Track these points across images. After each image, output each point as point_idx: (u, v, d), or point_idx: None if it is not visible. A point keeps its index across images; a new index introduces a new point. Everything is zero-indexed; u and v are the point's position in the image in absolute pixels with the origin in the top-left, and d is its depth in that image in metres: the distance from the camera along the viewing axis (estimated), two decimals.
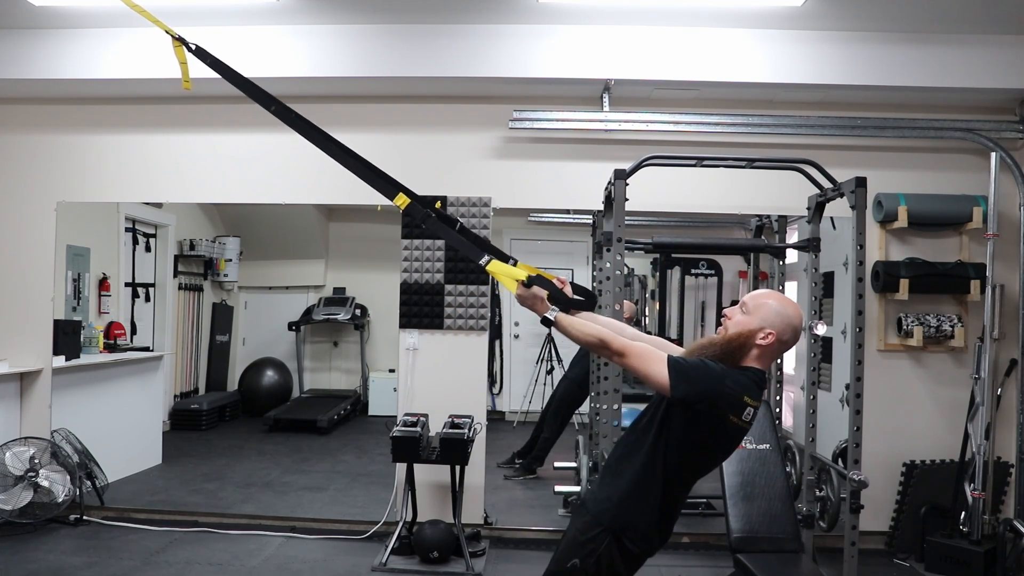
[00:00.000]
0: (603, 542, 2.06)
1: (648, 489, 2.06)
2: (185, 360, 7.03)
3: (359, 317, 7.79)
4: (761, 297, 2.09)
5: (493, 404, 7.34)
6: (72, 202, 4.66)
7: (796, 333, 2.06)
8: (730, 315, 2.09)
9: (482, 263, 2.14)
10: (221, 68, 2.28)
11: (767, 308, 2.04)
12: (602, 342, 1.99)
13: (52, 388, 4.57)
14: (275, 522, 4.44)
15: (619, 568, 2.08)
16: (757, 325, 2.02)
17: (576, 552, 2.09)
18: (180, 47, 2.30)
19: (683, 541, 4.29)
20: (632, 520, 2.07)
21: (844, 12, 3.77)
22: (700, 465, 2.12)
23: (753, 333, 2.02)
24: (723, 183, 4.29)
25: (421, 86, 4.31)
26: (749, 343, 2.02)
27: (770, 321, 2.02)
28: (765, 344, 2.01)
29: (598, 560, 2.06)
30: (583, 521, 2.14)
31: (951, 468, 4.11)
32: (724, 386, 1.94)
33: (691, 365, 1.95)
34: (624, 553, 2.08)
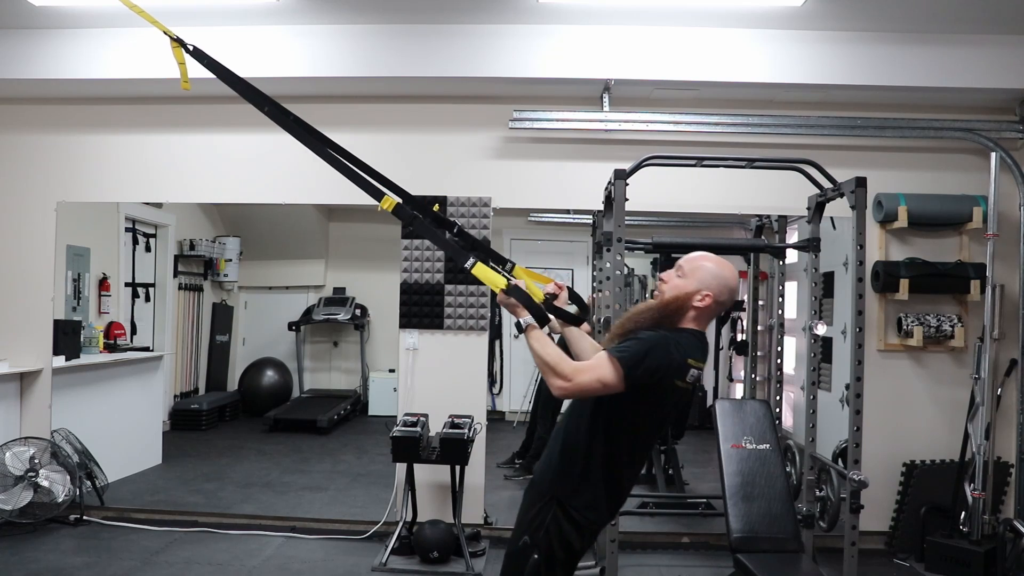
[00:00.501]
0: (549, 513, 2.07)
1: (593, 460, 2.07)
2: (185, 360, 7.04)
3: (359, 317, 7.79)
4: (697, 260, 2.11)
5: (493, 404, 7.34)
6: (72, 202, 4.66)
7: (732, 293, 2.10)
8: (666, 279, 2.12)
9: (467, 266, 2.13)
10: (217, 69, 2.28)
11: (704, 270, 2.07)
12: (555, 368, 1.96)
13: (52, 388, 4.57)
14: (275, 522, 4.44)
15: (571, 538, 2.08)
16: (694, 287, 2.06)
17: (526, 529, 2.10)
18: (178, 48, 2.30)
19: (683, 541, 4.29)
20: (577, 489, 2.08)
21: (844, 12, 3.77)
22: (646, 432, 2.13)
23: (690, 295, 2.05)
24: (723, 183, 4.29)
25: (421, 86, 4.31)
26: (686, 305, 2.06)
27: (707, 283, 2.06)
28: (702, 306, 2.05)
29: (547, 532, 2.06)
30: (531, 496, 2.15)
31: (951, 468, 4.11)
32: (671, 356, 1.97)
33: (634, 350, 1.96)
34: (573, 523, 2.07)
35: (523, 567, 2.07)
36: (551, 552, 2.06)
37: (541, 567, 2.06)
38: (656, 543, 4.27)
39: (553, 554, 2.06)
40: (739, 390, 6.74)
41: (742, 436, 3.62)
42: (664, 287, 2.11)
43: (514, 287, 2.07)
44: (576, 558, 2.14)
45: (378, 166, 4.74)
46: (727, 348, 6.99)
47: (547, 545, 2.06)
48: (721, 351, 7.05)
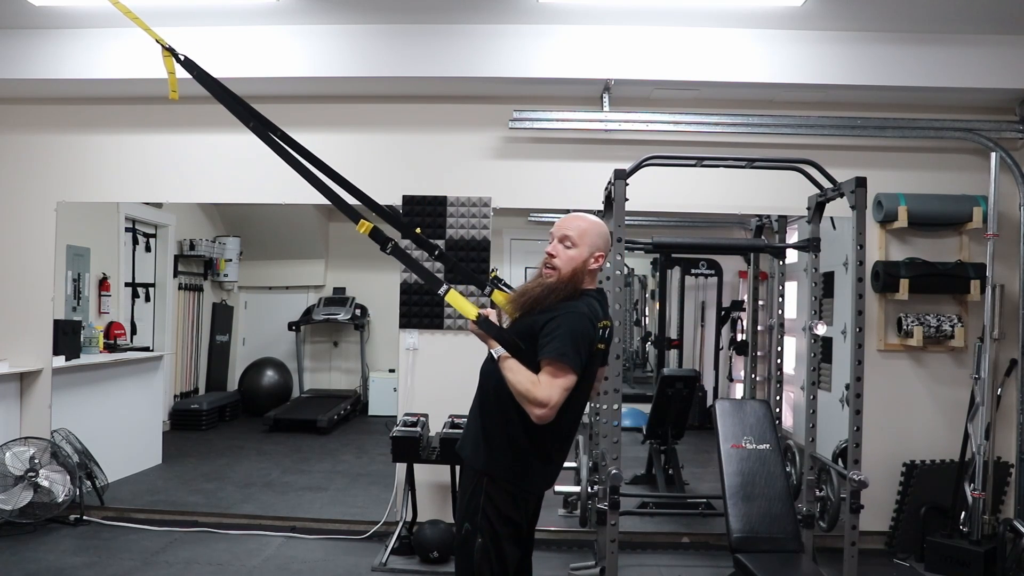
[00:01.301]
0: (481, 493, 2.09)
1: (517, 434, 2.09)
2: (185, 360, 7.04)
3: (359, 317, 7.79)
4: (579, 226, 2.19)
5: None
6: (72, 202, 4.66)
7: (610, 243, 2.26)
8: (555, 253, 2.18)
9: (440, 293, 2.18)
10: (207, 80, 2.30)
11: (591, 234, 2.18)
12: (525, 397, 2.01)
13: (52, 388, 4.57)
14: (275, 522, 4.44)
15: (509, 512, 2.10)
16: (588, 253, 2.16)
17: (464, 515, 2.13)
18: (169, 57, 2.31)
19: (683, 541, 4.29)
20: (502, 460, 2.10)
21: (844, 12, 3.77)
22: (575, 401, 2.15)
23: (586, 261, 2.16)
24: (723, 183, 4.29)
25: (421, 86, 4.31)
26: (583, 272, 2.16)
27: (596, 245, 2.18)
28: (597, 266, 2.19)
29: (484, 513, 2.08)
30: (463, 481, 2.20)
31: (951, 468, 4.11)
32: (589, 330, 2.07)
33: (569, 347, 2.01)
34: (506, 495, 2.10)
35: (471, 554, 2.07)
36: (493, 531, 2.08)
37: (489, 549, 2.07)
38: (656, 543, 4.27)
39: (496, 532, 2.08)
40: (739, 390, 6.74)
41: (742, 436, 3.63)
42: (558, 262, 2.16)
43: (483, 319, 2.10)
44: (521, 529, 2.15)
45: (378, 166, 4.75)
46: (727, 348, 6.99)
47: (488, 525, 2.08)
48: (721, 351, 7.05)
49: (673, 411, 4.99)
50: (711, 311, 7.14)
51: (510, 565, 2.12)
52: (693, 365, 7.14)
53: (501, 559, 2.09)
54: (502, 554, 2.09)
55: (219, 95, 2.29)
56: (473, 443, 2.17)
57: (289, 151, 2.34)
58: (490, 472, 2.09)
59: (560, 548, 4.20)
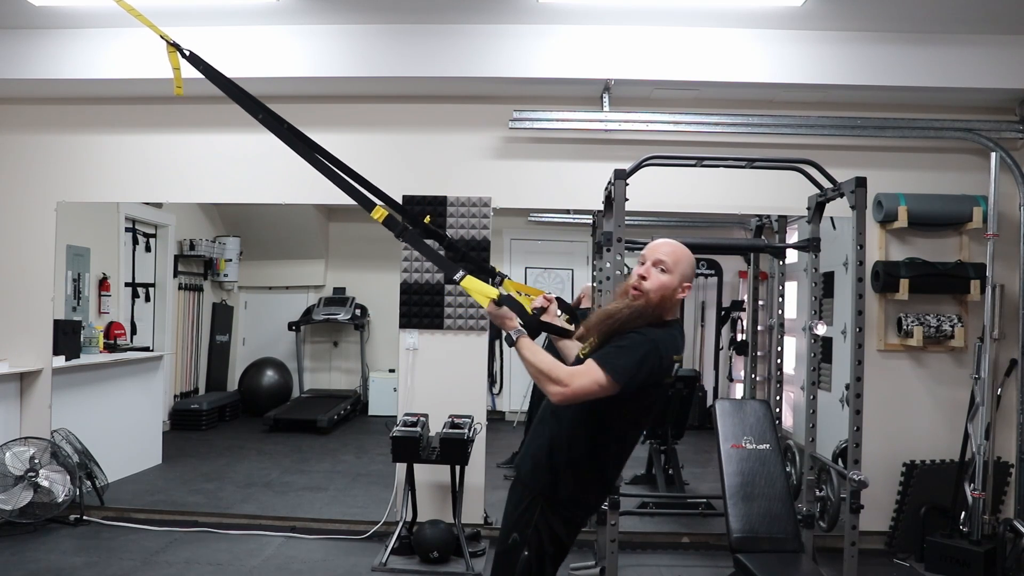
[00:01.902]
0: (537, 509, 2.07)
1: (579, 455, 2.07)
2: (185, 360, 7.04)
3: (359, 317, 7.79)
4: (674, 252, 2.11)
5: (493, 404, 7.34)
6: (72, 202, 4.66)
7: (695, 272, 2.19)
8: (647, 275, 2.07)
9: (456, 279, 2.13)
10: (213, 75, 2.29)
11: (684, 263, 2.10)
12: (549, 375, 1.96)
13: (52, 388, 4.57)
14: (275, 522, 4.44)
15: (560, 533, 2.09)
16: (678, 281, 2.08)
17: (514, 526, 2.10)
18: (174, 52, 2.30)
19: (683, 541, 4.29)
20: (563, 484, 2.08)
21: (844, 12, 3.77)
22: (633, 428, 2.15)
23: (675, 290, 2.08)
24: (723, 183, 4.29)
25: (421, 86, 4.31)
26: (672, 300, 2.08)
27: (687, 274, 2.10)
28: (683, 295, 2.10)
29: (536, 529, 2.07)
30: (517, 493, 2.15)
31: (951, 468, 4.11)
32: (662, 359, 2.00)
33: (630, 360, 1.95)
34: (561, 518, 2.08)
35: (514, 565, 2.07)
36: (541, 548, 2.07)
37: (532, 563, 2.06)
38: (656, 543, 4.27)
39: (543, 550, 2.07)
40: (739, 390, 6.75)
41: (742, 436, 3.62)
42: (648, 285, 2.05)
43: (506, 296, 2.08)
44: (565, 551, 2.15)
45: (378, 166, 4.75)
46: (727, 348, 6.99)
47: (537, 542, 2.06)
48: (721, 351, 7.05)
49: (673, 411, 4.99)
50: (711, 311, 7.14)
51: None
52: (693, 365, 7.14)
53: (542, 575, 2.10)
54: (543, 571, 2.10)
55: (226, 89, 2.28)
56: (534, 462, 2.13)
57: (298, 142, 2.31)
58: (551, 496, 2.07)
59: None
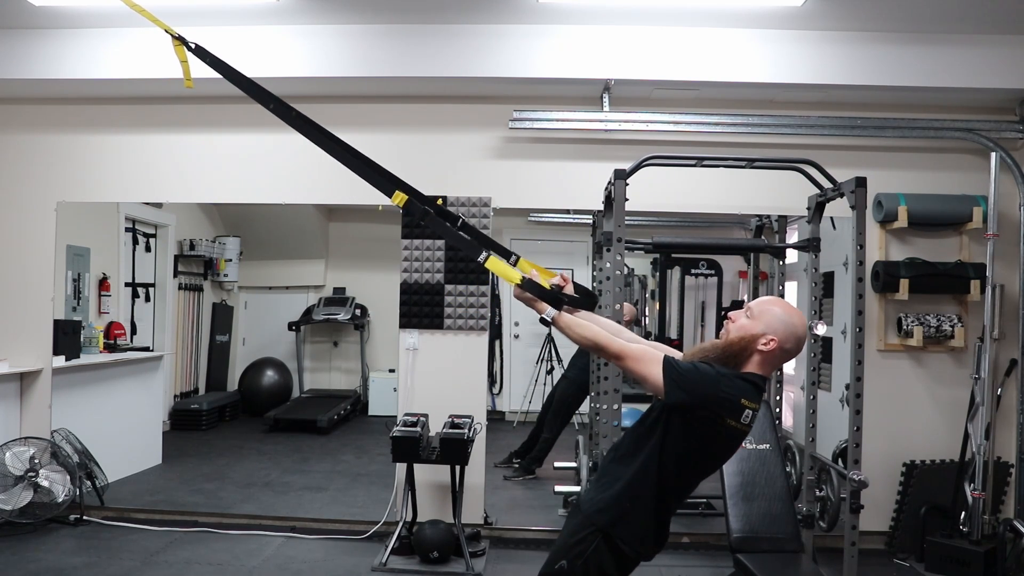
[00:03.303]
0: (592, 543, 2.04)
1: (643, 491, 2.04)
2: (185, 360, 7.03)
3: (359, 317, 7.79)
4: (767, 304, 2.07)
5: (493, 404, 7.34)
6: (72, 202, 4.66)
7: (799, 342, 2.04)
8: (734, 318, 2.08)
9: (480, 260, 2.14)
10: (220, 67, 2.28)
11: (771, 315, 2.02)
12: (599, 344, 1.99)
13: (52, 388, 4.57)
14: (275, 522, 4.44)
15: (609, 570, 2.05)
16: (760, 330, 2.00)
17: (565, 554, 2.07)
18: (180, 46, 2.30)
19: (683, 541, 4.29)
20: (625, 521, 2.04)
21: (844, 12, 3.77)
22: (697, 469, 2.10)
23: (756, 338, 2.00)
24: (723, 183, 4.29)
25: (421, 86, 4.31)
26: (751, 348, 2.01)
27: (773, 328, 2.00)
28: (767, 350, 2.00)
29: (586, 562, 2.03)
30: (575, 522, 2.12)
31: (951, 468, 4.11)
32: (719, 389, 1.93)
33: (685, 369, 1.94)
34: (616, 555, 2.05)
35: None
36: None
37: None
38: None
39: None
40: None
41: None
42: (731, 326, 2.06)
43: (528, 281, 2.08)
44: None
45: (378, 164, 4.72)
46: None
47: (583, 573, 2.03)
48: None
49: None
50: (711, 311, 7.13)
51: None
52: None
53: None
54: None
55: (234, 80, 2.28)
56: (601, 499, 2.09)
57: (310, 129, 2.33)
58: (611, 532, 2.04)
59: None
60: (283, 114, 2.30)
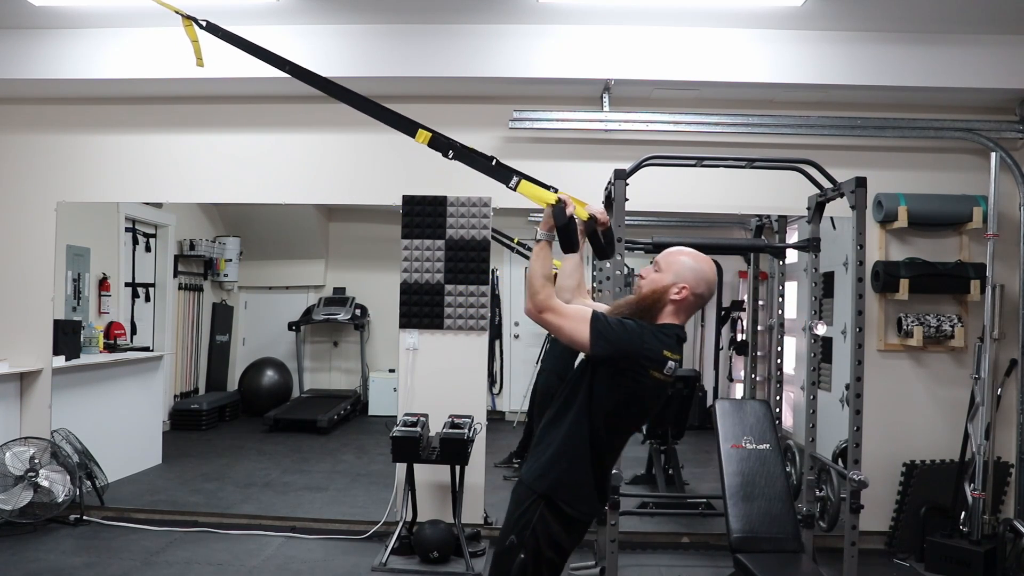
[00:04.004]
0: (536, 511, 2.06)
1: (577, 450, 2.07)
2: (185, 360, 7.03)
3: (359, 317, 7.79)
4: (673, 254, 2.13)
5: (493, 404, 7.33)
6: (72, 202, 4.66)
7: (710, 286, 2.11)
8: (644, 274, 2.15)
9: (511, 186, 2.21)
10: (233, 39, 2.31)
11: (679, 264, 2.09)
12: (534, 288, 2.03)
13: (52, 388, 4.58)
14: (275, 522, 4.44)
15: (558, 536, 2.07)
16: (671, 280, 2.08)
17: (512, 528, 2.09)
18: (191, 25, 2.32)
19: (683, 541, 4.29)
20: (563, 481, 2.07)
21: (844, 12, 3.77)
22: (626, 423, 2.15)
23: (667, 288, 2.07)
24: (723, 183, 4.29)
25: (421, 86, 4.31)
26: (664, 299, 2.08)
27: (683, 276, 2.07)
28: (679, 298, 2.07)
29: (534, 531, 2.05)
30: (518, 494, 2.14)
31: (951, 468, 4.11)
32: (643, 342, 1.99)
33: (611, 324, 2.00)
34: (561, 518, 2.07)
35: (510, 567, 2.06)
36: (538, 552, 2.05)
37: (528, 566, 2.04)
38: (656, 543, 4.27)
39: (540, 553, 2.05)
40: (739, 390, 6.74)
41: (742, 436, 3.63)
42: (642, 282, 2.14)
43: (560, 208, 2.12)
44: (564, 558, 2.13)
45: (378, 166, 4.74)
46: (727, 348, 6.98)
47: (534, 544, 2.05)
48: (721, 351, 7.05)
49: (673, 411, 4.99)
50: (711, 311, 7.14)
51: None
52: (693, 365, 7.13)
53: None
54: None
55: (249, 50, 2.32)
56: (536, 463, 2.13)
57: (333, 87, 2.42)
58: (552, 495, 2.06)
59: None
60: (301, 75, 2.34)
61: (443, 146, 2.28)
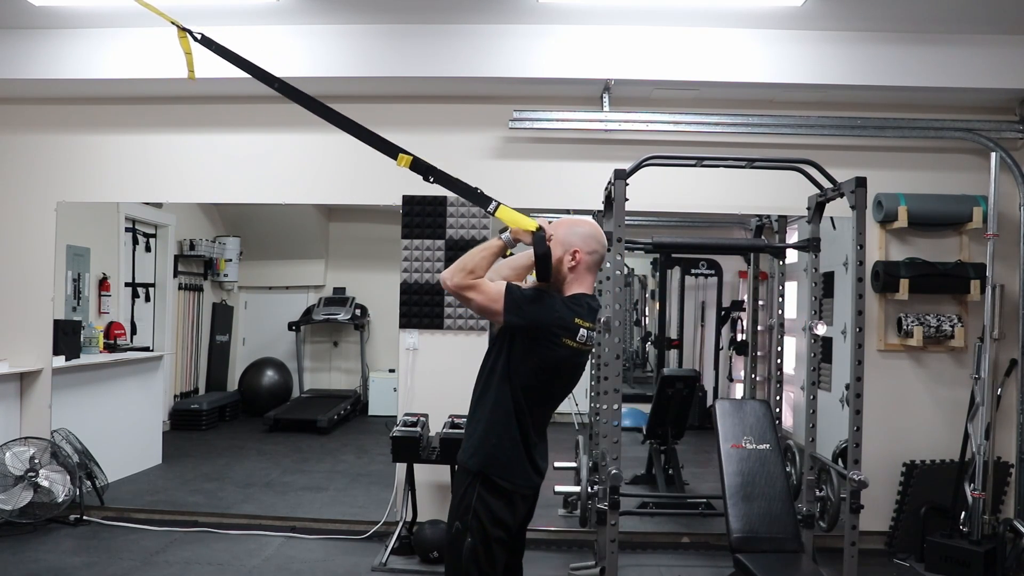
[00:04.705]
0: (474, 491, 2.10)
1: (503, 422, 2.11)
2: (185, 360, 7.04)
3: (359, 317, 7.79)
4: (553, 228, 2.19)
5: None
6: (72, 202, 4.66)
7: (600, 241, 2.19)
8: None
9: (490, 210, 2.24)
10: (226, 53, 2.31)
11: (560, 233, 2.17)
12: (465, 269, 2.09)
13: (52, 388, 4.58)
14: (275, 522, 4.44)
15: (500, 512, 2.10)
16: (560, 252, 2.15)
17: (456, 514, 2.13)
18: (185, 37, 2.32)
19: (683, 541, 4.29)
20: (494, 455, 2.11)
21: (844, 12, 3.77)
22: (546, 393, 2.18)
23: (560, 261, 2.15)
24: (723, 183, 4.29)
25: (421, 86, 4.31)
26: (562, 272, 2.15)
27: (569, 242, 2.15)
28: (576, 263, 2.14)
29: (475, 513, 2.08)
30: (456, 481, 2.20)
31: (951, 468, 4.11)
32: (554, 310, 2.07)
33: (525, 295, 2.08)
34: (499, 494, 2.10)
35: (460, 554, 2.08)
36: (484, 531, 2.07)
37: (478, 549, 2.07)
38: (656, 543, 4.27)
39: (487, 533, 2.07)
40: (739, 390, 6.75)
41: (742, 436, 3.62)
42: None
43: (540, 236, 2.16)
44: (512, 535, 2.15)
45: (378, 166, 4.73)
46: (727, 348, 6.99)
47: (478, 526, 2.07)
48: (721, 351, 7.05)
49: (673, 411, 4.99)
50: (711, 311, 7.14)
51: (498, 567, 2.13)
52: (693, 365, 7.14)
53: (490, 560, 2.10)
54: (491, 556, 2.09)
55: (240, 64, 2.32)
56: (467, 444, 2.20)
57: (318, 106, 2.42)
58: (484, 471, 2.10)
59: (560, 548, 4.20)
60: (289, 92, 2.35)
61: (423, 170, 2.28)
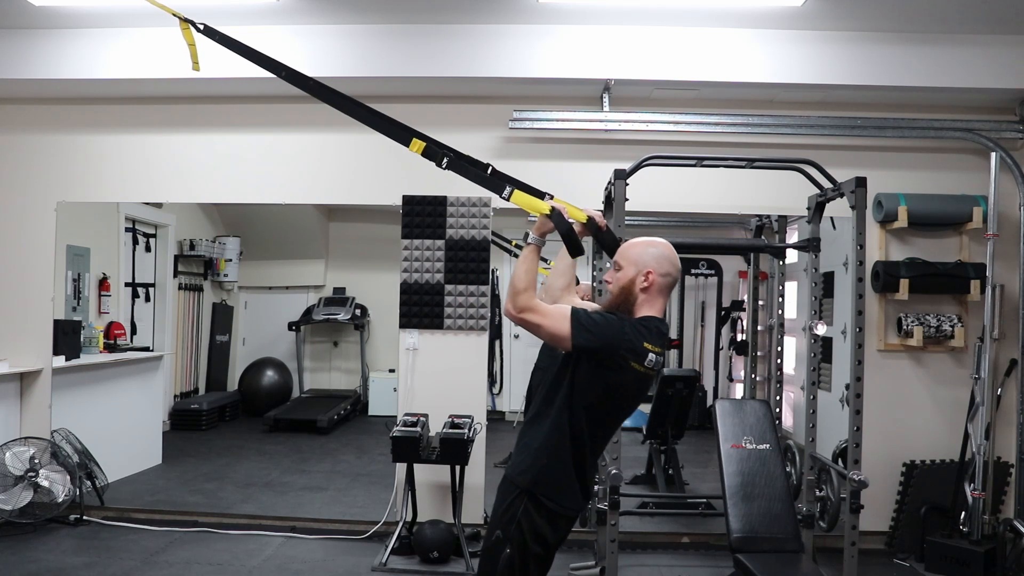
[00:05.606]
0: (520, 506, 2.08)
1: (559, 445, 2.08)
2: (185, 360, 7.03)
3: (359, 317, 7.79)
4: (627, 248, 2.15)
5: (493, 404, 7.32)
6: (72, 202, 4.66)
7: (674, 263, 2.13)
8: (609, 279, 2.18)
9: (504, 196, 2.21)
10: (230, 43, 2.31)
11: (635, 253, 2.12)
12: (516, 291, 2.04)
13: (52, 388, 4.58)
14: (275, 522, 4.44)
15: (543, 530, 2.08)
16: (633, 273, 2.10)
17: (498, 523, 2.11)
18: (188, 28, 2.32)
19: (683, 541, 4.29)
20: (546, 476, 2.09)
21: (844, 12, 3.77)
22: (608, 418, 2.15)
23: (633, 281, 2.09)
24: (723, 183, 4.29)
25: (421, 86, 4.31)
26: (634, 292, 2.10)
27: (644, 263, 2.09)
28: (648, 285, 2.09)
29: (519, 525, 2.07)
30: (503, 490, 2.16)
31: (951, 468, 4.11)
32: (624, 333, 2.01)
33: (592, 317, 2.02)
34: (545, 513, 2.08)
35: (496, 562, 2.07)
36: (524, 546, 2.06)
37: (515, 561, 2.06)
38: (656, 543, 4.27)
39: (526, 548, 2.06)
40: (739, 390, 6.74)
41: (742, 436, 3.63)
42: (609, 287, 2.17)
43: (557, 213, 2.13)
44: (550, 553, 2.14)
45: (378, 166, 4.74)
46: (727, 348, 6.98)
47: (519, 539, 2.06)
48: (721, 351, 7.05)
49: (673, 411, 4.99)
50: (711, 311, 7.14)
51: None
52: (693, 365, 7.14)
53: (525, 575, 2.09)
54: (526, 570, 2.09)
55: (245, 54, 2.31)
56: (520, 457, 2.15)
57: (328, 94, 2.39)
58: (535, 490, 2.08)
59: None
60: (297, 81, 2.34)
61: (437, 155, 2.27)
